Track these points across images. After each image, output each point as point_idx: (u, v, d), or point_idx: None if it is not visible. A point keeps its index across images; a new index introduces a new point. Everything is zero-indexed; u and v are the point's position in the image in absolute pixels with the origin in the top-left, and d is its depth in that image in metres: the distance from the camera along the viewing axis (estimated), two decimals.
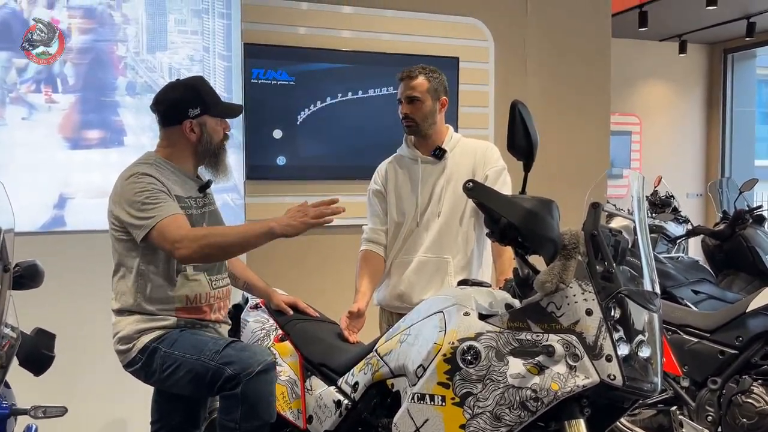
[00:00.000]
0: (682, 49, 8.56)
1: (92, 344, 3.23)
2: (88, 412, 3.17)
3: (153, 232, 1.97)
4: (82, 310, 3.28)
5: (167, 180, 2.08)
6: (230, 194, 3.67)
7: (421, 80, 2.49)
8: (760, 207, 4.94)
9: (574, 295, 1.66)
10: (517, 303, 1.81)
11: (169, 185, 2.06)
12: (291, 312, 2.34)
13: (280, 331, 2.29)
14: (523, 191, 1.83)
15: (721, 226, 4.80)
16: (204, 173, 2.24)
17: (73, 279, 3.28)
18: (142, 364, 2.05)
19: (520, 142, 1.80)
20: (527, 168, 1.85)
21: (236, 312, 2.41)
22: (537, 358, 1.64)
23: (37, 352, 1.94)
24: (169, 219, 1.97)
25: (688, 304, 3.82)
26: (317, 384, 2.14)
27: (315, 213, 1.95)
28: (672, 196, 5.83)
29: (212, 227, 2.09)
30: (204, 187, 2.19)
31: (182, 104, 2.11)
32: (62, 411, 1.88)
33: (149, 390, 2.21)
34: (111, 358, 2.15)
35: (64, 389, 3.03)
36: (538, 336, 1.67)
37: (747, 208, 4.85)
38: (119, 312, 2.10)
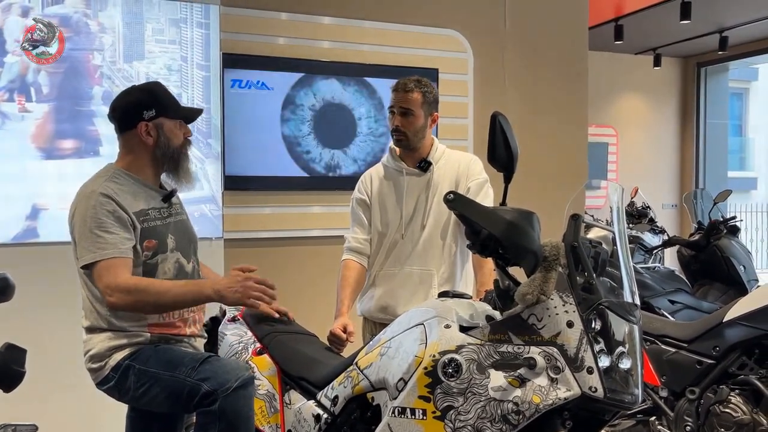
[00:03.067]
0: (657, 62, 8.71)
1: (64, 360, 3.16)
2: (59, 430, 3.09)
3: (93, 268, 1.94)
4: (55, 324, 3.21)
5: (126, 196, 2.02)
6: (208, 205, 3.63)
7: (416, 94, 2.48)
8: (734, 218, 5.02)
9: (555, 307, 1.65)
10: (497, 315, 1.80)
11: (127, 203, 2.00)
12: (277, 315, 2.30)
13: (258, 344, 2.25)
14: (503, 203, 1.83)
15: (696, 237, 4.87)
16: (168, 182, 2.18)
17: (46, 292, 3.21)
18: (115, 382, 1.99)
19: (501, 154, 1.80)
20: (507, 180, 1.86)
21: (214, 325, 2.37)
22: (518, 371, 1.64)
23: (7, 368, 1.88)
24: (111, 262, 1.92)
25: (665, 313, 3.86)
26: (296, 398, 2.11)
27: (256, 295, 1.95)
28: (648, 206, 5.90)
29: (153, 281, 1.99)
30: (168, 196, 2.14)
31: (137, 106, 2.06)
32: (33, 429, 1.84)
33: (124, 406, 2.16)
34: (84, 374, 2.10)
35: (35, 406, 2.96)
36: (519, 348, 1.66)
37: (721, 219, 4.93)
38: (90, 329, 2.04)
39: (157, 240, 2.05)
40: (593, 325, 1.65)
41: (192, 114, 2.20)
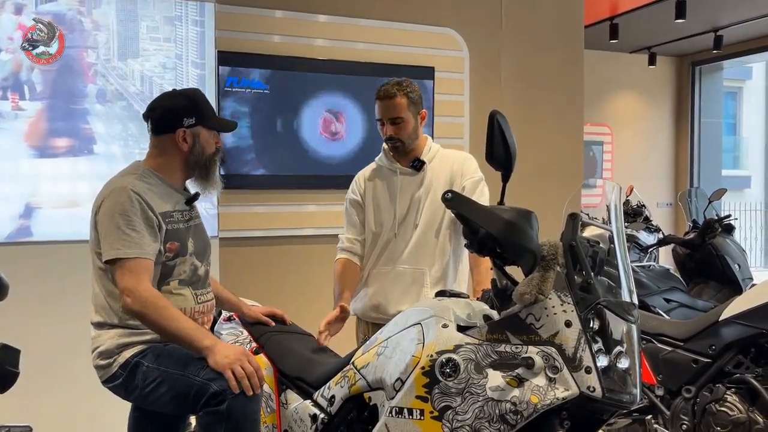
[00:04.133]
0: (652, 61, 8.73)
1: (60, 360, 3.15)
2: (54, 431, 3.07)
3: (115, 265, 1.93)
4: (49, 324, 3.19)
5: (154, 196, 2.01)
6: (204, 204, 3.61)
7: (400, 99, 2.46)
8: (728, 216, 5.03)
9: (553, 307, 1.65)
10: (495, 314, 1.80)
11: (155, 204, 2.00)
12: (273, 323, 2.30)
13: (254, 344, 2.24)
14: (501, 202, 1.82)
15: (691, 235, 4.87)
16: (191, 186, 2.19)
17: (40, 291, 3.20)
18: (123, 379, 1.98)
19: (499, 153, 1.80)
20: (506, 178, 1.85)
21: (210, 325, 2.36)
22: (516, 371, 1.63)
23: (1, 369, 1.87)
24: (134, 263, 1.91)
25: (660, 312, 3.86)
26: (293, 398, 2.10)
27: (239, 371, 1.82)
28: (644, 205, 5.90)
29: (169, 305, 1.93)
30: (191, 199, 2.15)
31: (178, 112, 2.07)
32: (27, 430, 1.82)
33: (123, 407, 2.14)
34: (80, 373, 2.09)
35: (30, 407, 2.94)
36: (517, 348, 1.66)
37: (716, 218, 4.93)
38: (99, 325, 2.03)
39: (179, 243, 2.04)
40: (591, 325, 1.64)
41: (226, 126, 2.26)
